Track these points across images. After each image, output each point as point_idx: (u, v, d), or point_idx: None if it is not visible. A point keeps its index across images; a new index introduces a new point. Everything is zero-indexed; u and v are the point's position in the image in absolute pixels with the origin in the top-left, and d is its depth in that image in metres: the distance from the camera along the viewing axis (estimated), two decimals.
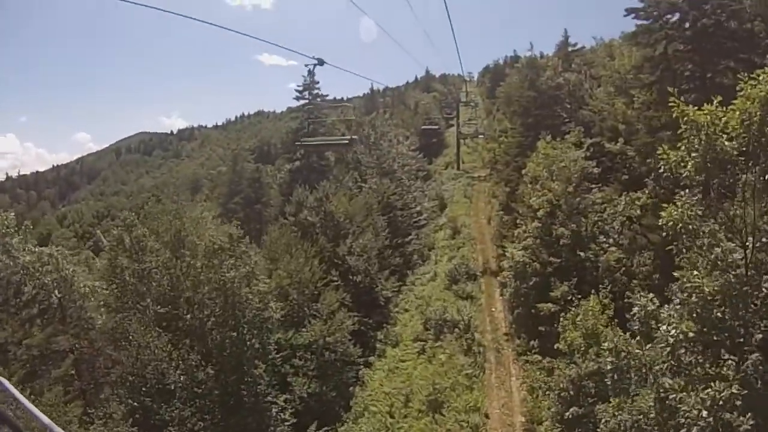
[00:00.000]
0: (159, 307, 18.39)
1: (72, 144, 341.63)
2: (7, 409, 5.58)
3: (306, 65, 11.51)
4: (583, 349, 15.37)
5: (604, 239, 21.83)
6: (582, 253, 21.53)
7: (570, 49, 38.69)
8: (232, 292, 18.33)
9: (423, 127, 65.10)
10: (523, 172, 27.55)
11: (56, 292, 19.53)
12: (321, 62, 11.29)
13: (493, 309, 28.93)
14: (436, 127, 67.74)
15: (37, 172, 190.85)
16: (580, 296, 18.68)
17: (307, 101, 48.01)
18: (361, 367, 24.29)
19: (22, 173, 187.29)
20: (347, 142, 22.37)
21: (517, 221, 27.74)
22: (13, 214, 20.43)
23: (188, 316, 18.30)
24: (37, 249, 20.06)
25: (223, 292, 18.39)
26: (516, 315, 25.29)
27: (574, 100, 32.68)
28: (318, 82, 48.43)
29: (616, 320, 14.83)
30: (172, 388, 16.53)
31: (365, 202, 32.97)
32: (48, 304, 19.69)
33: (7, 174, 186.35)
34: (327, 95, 51.20)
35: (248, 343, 18.63)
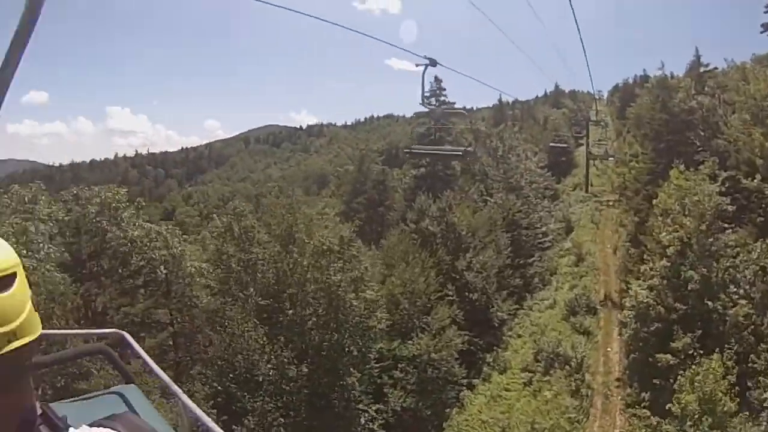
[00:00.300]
0: (261, 299, 18.81)
1: (201, 130, 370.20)
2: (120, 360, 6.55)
3: (417, 65, 10.52)
4: (696, 416, 13.83)
5: (735, 289, 19.14)
6: (710, 303, 19.06)
7: (702, 69, 34.27)
8: (337, 295, 18.44)
9: (552, 144, 61.80)
10: (654, 202, 25.34)
11: (162, 267, 20.53)
12: (434, 63, 10.38)
13: (609, 349, 26.80)
14: (566, 145, 63.81)
15: (166, 152, 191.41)
16: (702, 351, 16.77)
17: (432, 107, 48.33)
18: (464, 388, 23.78)
19: (151, 152, 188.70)
20: (460, 153, 21.35)
21: (644, 256, 25.44)
22: (125, 189, 21.74)
23: (290, 312, 18.49)
24: (146, 225, 21.20)
25: (327, 294, 18.52)
26: (631, 360, 23.18)
27: (707, 126, 29.10)
28: (445, 89, 47.97)
29: (737, 388, 13.18)
30: (260, 380, 16.81)
31: (489, 217, 32.24)
32: (153, 277, 20.80)
33: (136, 150, 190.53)
34: (454, 103, 50.15)
35: (347, 348, 18.66)
